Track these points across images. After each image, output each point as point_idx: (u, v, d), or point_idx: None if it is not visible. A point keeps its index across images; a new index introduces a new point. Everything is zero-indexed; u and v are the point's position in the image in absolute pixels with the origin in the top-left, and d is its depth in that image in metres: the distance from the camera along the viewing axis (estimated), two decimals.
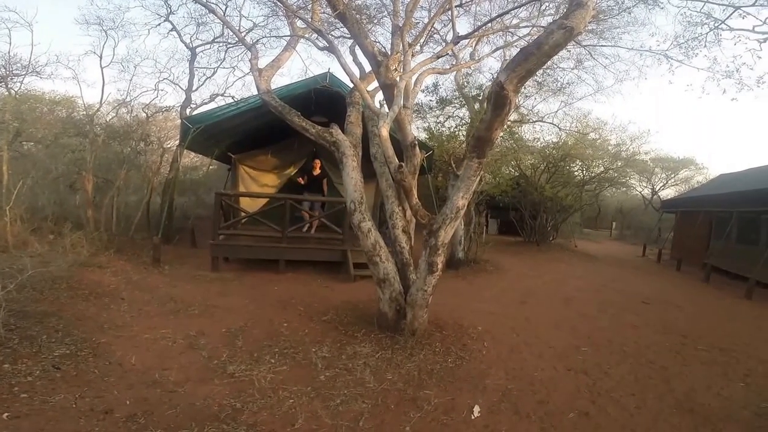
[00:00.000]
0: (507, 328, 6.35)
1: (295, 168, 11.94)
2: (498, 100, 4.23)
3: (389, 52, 6.34)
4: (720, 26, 9.93)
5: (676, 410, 4.06)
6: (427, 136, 14.47)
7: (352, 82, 5.82)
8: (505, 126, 13.84)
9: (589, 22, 8.73)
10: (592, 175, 20.67)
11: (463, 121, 13.92)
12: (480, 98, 12.37)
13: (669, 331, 6.84)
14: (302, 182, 10.66)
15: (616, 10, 9.13)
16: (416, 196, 5.48)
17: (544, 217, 18.25)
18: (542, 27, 6.73)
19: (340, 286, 8.21)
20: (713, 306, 9.22)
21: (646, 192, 32.00)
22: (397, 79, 5.61)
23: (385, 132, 5.13)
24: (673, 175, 30.74)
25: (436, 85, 14.75)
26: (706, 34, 9.90)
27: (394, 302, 5.53)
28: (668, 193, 30.23)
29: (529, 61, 4.09)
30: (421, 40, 7.44)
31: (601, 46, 10.31)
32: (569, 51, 10.81)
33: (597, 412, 3.93)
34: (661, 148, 38.69)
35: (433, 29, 8.74)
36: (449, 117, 15.03)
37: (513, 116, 14.18)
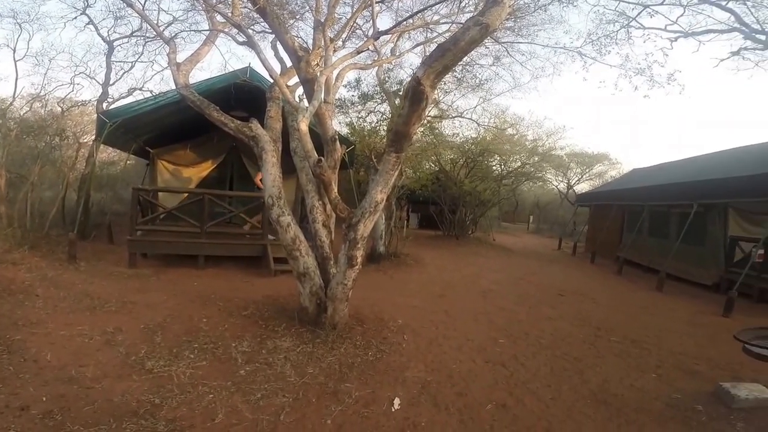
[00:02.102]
0: (427, 321, 6.52)
1: (214, 163, 11.73)
2: (415, 95, 4.34)
3: (311, 48, 6.35)
4: (631, 24, 10.64)
5: (591, 401, 4.20)
6: (349, 131, 14.54)
7: (271, 76, 5.80)
8: (425, 121, 14.24)
9: (507, 20, 9.11)
10: (510, 169, 21.43)
11: (385, 116, 14.08)
12: (400, 93, 12.56)
13: (584, 323, 7.17)
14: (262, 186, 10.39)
15: (532, 7, 9.51)
16: (336, 190, 5.55)
17: (463, 211, 18.78)
18: (462, 23, 6.96)
19: (261, 281, 8.17)
20: (626, 298, 9.73)
21: (562, 186, 33.42)
22: (318, 74, 5.65)
23: (304, 126, 5.15)
24: (587, 170, 32.17)
25: (358, 81, 14.84)
26: (617, 31, 10.56)
27: (314, 296, 5.59)
28: (583, 188, 31.67)
29: (446, 57, 4.22)
30: (343, 36, 7.50)
31: (518, 42, 10.73)
32: (488, 48, 11.18)
33: (514, 403, 4.06)
34: (576, 144, 40.73)
35: (355, 25, 8.83)
36: (371, 112, 15.14)
37: (433, 111, 14.53)
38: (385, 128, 12.58)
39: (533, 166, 22.55)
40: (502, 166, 21.41)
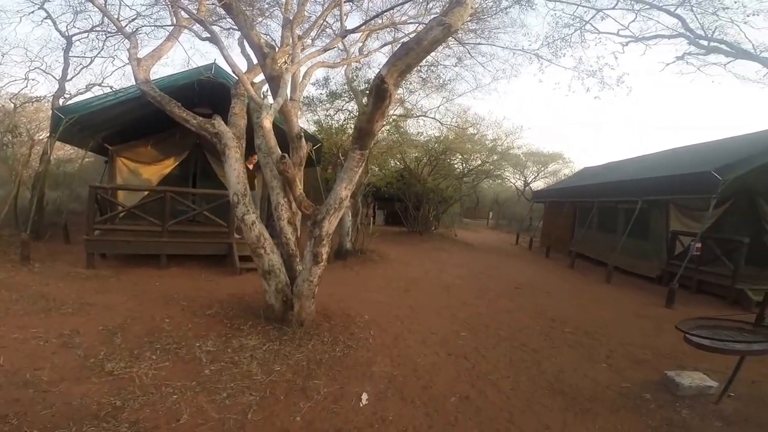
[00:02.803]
0: (392, 316, 6.62)
1: (176, 160, 11.51)
2: (379, 93, 4.41)
3: (280, 45, 6.32)
4: (586, 27, 11.06)
5: (548, 391, 4.33)
6: (317, 129, 14.56)
7: (234, 73, 5.74)
8: (391, 120, 14.38)
9: (470, 21, 9.28)
10: (471, 167, 22.09)
11: (352, 115, 14.22)
12: (368, 92, 12.64)
13: (539, 315, 7.41)
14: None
15: (494, 9, 9.74)
16: (301, 187, 5.55)
17: (426, 208, 19.16)
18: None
19: (226, 280, 8.08)
20: (578, 290, 10.06)
21: (519, 184, 34.92)
22: (284, 71, 5.63)
23: (267, 123, 5.15)
24: (543, 168, 33.65)
25: (326, 79, 14.97)
26: (572, 33, 10.96)
27: (280, 294, 5.56)
28: (539, 185, 32.86)
29: (410, 56, 4.31)
30: (312, 34, 7.49)
31: (480, 44, 10.99)
32: (451, 48, 11.39)
33: (476, 395, 4.16)
34: (533, 143, 42.83)
35: (325, 23, 8.82)
36: (339, 110, 15.27)
37: (399, 111, 14.71)
38: (353, 126, 12.66)
39: (493, 164, 23.26)
40: (464, 165, 22.03)
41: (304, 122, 16.10)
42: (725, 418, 3.89)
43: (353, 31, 6.61)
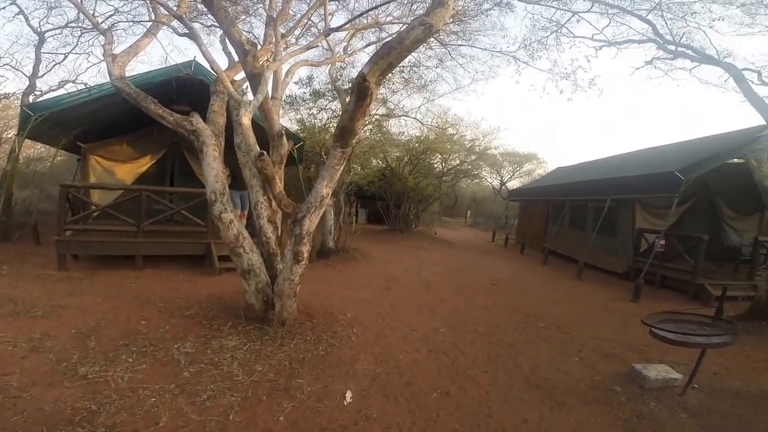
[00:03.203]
0: (374, 313, 6.65)
1: (153, 158, 11.29)
2: (360, 91, 4.43)
3: (262, 43, 6.27)
4: (562, 31, 11.30)
5: (524, 385, 4.45)
6: (300, 128, 14.51)
7: (212, 69, 5.67)
8: (374, 120, 14.44)
9: (451, 23, 9.37)
10: (450, 167, 22.54)
11: (335, 114, 14.27)
12: (350, 90, 12.71)
13: (515, 310, 7.56)
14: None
15: (475, 11, 9.90)
16: (281, 185, 5.49)
17: (407, 206, 19.34)
18: None
19: (205, 280, 7.95)
20: (551, 286, 10.32)
21: (496, 183, 36.06)
22: (265, 68, 5.58)
23: (246, 120, 5.10)
24: (518, 168, 34.85)
25: (310, 78, 15.01)
26: (548, 36, 11.21)
27: (261, 293, 5.50)
28: (514, 184, 33.73)
29: (391, 55, 4.35)
30: (296, 32, 7.46)
31: (461, 45, 11.17)
32: (433, 49, 11.54)
33: (457, 390, 4.23)
34: (509, 144, 44.06)
35: (310, 23, 8.81)
36: (322, 109, 15.33)
37: (381, 110, 14.78)
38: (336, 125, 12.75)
39: (471, 164, 23.76)
40: (443, 164, 22.42)
41: (287, 121, 16.13)
42: (690, 410, 4.03)
43: (337, 29, 6.62)
